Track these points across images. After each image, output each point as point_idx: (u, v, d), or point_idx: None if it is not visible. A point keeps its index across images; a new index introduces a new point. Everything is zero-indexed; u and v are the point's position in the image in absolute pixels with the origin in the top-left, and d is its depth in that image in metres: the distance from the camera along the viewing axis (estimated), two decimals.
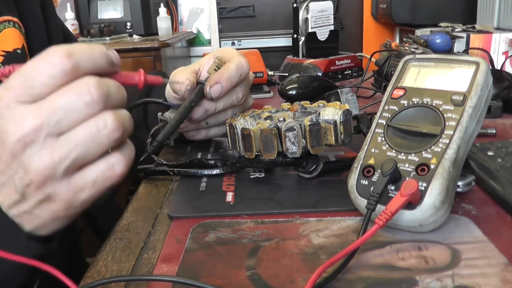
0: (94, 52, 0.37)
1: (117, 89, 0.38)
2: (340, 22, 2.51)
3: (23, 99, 0.36)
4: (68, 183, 0.37)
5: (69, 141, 0.36)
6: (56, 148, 0.36)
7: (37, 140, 0.35)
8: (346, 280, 0.35)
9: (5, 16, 0.63)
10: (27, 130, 0.35)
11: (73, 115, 0.35)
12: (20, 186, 0.37)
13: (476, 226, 0.42)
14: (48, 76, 0.35)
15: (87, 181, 0.37)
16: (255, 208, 0.47)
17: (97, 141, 0.36)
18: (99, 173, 0.37)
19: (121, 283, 0.36)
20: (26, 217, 0.39)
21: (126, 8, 2.48)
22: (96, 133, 0.36)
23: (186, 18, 2.82)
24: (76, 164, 0.37)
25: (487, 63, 0.43)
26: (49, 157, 0.36)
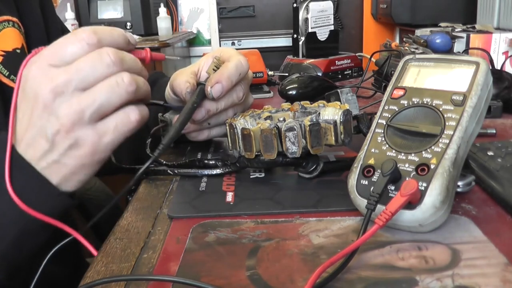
0: (114, 32, 0.46)
1: (131, 58, 0.46)
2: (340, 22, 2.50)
3: (53, 63, 0.43)
4: (93, 128, 0.43)
5: (94, 92, 0.43)
6: (83, 98, 0.43)
7: (66, 91, 0.42)
8: (346, 280, 0.35)
9: (4, 16, 0.63)
10: (58, 82, 0.42)
11: (95, 73, 0.43)
12: (50, 134, 0.43)
13: (476, 226, 0.42)
14: (77, 47, 0.43)
15: (109, 126, 0.44)
16: (255, 208, 0.47)
17: (116, 92, 0.43)
18: (119, 119, 0.44)
19: (121, 283, 0.36)
20: (54, 167, 0.45)
21: (126, 8, 2.48)
22: (115, 85, 0.43)
23: (186, 18, 2.82)
24: (99, 111, 0.43)
25: (487, 63, 0.43)
26: (77, 104, 0.42)
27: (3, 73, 0.61)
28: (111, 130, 0.44)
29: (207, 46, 2.79)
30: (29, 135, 0.44)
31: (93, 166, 0.46)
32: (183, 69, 0.62)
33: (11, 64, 0.62)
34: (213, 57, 0.59)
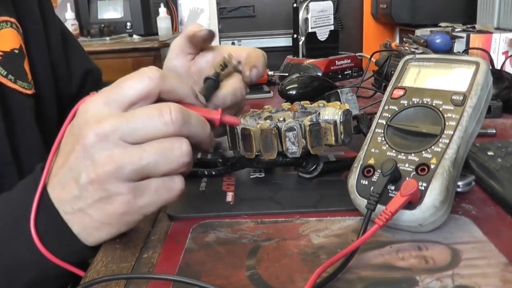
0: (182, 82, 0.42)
1: (198, 120, 0.41)
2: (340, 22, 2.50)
3: (109, 103, 0.39)
4: (130, 186, 0.38)
5: (142, 150, 0.38)
6: (128, 151, 0.38)
7: (111, 139, 0.38)
8: (346, 280, 0.35)
9: (2, 17, 0.63)
10: (104, 126, 0.38)
11: (149, 128, 0.38)
12: (83, 180, 0.39)
13: (476, 226, 0.42)
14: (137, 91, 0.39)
15: (149, 188, 0.39)
16: (255, 208, 0.47)
17: (168, 159, 0.38)
18: (162, 184, 0.39)
19: (121, 282, 0.36)
20: (78, 215, 0.40)
21: (126, 8, 2.48)
22: (170, 151, 0.38)
23: (186, 18, 2.82)
24: (142, 172, 0.38)
25: (487, 63, 0.43)
26: (119, 155, 0.38)
27: (1, 73, 0.62)
28: (151, 192, 0.39)
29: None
30: (62, 173, 0.40)
31: (119, 227, 0.41)
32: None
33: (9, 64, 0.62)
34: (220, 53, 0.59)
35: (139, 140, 0.38)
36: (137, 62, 2.15)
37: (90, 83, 0.82)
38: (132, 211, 0.40)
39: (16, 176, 0.61)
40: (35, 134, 0.65)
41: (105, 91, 0.40)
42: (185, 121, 0.39)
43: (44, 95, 0.69)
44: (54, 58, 0.74)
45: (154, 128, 0.38)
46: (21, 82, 0.64)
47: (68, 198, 0.40)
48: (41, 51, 0.70)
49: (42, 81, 0.69)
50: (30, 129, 0.65)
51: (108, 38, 2.32)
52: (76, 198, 0.40)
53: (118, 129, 0.38)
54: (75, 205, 0.40)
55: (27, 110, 0.64)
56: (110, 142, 0.38)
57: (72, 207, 0.40)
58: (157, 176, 0.39)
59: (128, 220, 0.40)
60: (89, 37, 2.35)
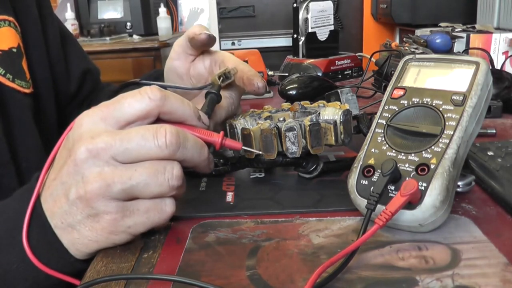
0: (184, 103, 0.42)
1: (194, 145, 0.41)
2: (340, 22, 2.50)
3: (106, 119, 0.39)
4: (119, 204, 0.39)
5: (134, 169, 0.38)
6: (119, 169, 0.38)
7: (103, 156, 0.38)
8: (346, 280, 0.35)
9: (0, 16, 0.63)
10: (97, 143, 0.38)
11: (142, 150, 0.38)
12: (72, 196, 0.39)
13: (476, 226, 0.42)
14: (136, 111, 0.39)
15: (138, 209, 0.39)
16: (255, 208, 0.47)
17: (158, 180, 0.38)
18: (152, 205, 0.39)
19: (121, 282, 0.36)
20: (68, 230, 0.40)
21: (126, 8, 2.48)
22: (161, 173, 0.38)
23: (186, 18, 2.82)
24: (131, 192, 0.38)
25: (487, 63, 0.43)
26: (109, 173, 0.38)
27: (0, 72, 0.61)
28: (140, 212, 0.39)
29: None
30: (54, 187, 0.41)
31: (105, 244, 0.41)
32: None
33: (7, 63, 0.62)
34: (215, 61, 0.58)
35: (131, 160, 0.38)
36: (137, 62, 2.15)
37: (88, 83, 0.82)
38: (119, 230, 0.40)
39: (14, 176, 0.61)
40: (33, 133, 0.65)
41: (104, 106, 0.40)
42: (180, 145, 0.39)
43: (42, 94, 0.69)
44: (52, 57, 0.74)
45: (147, 150, 0.38)
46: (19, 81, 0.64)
47: (59, 212, 0.40)
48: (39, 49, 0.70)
49: (40, 80, 0.69)
50: (28, 128, 0.64)
51: (108, 38, 2.33)
52: (65, 213, 0.40)
53: (111, 147, 0.38)
54: (64, 220, 0.40)
55: (25, 109, 0.64)
56: (101, 160, 0.38)
57: (62, 222, 0.40)
58: (146, 197, 0.39)
59: (115, 239, 0.40)
60: (89, 37, 2.35)
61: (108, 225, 0.39)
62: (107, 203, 0.38)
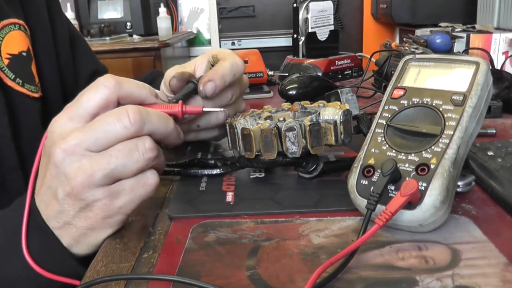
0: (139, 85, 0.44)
1: (158, 117, 0.43)
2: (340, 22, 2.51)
3: (72, 118, 0.41)
4: (104, 190, 0.41)
5: (109, 155, 0.40)
6: (96, 159, 0.40)
7: (77, 151, 0.40)
8: (346, 280, 0.35)
9: (10, 19, 0.63)
10: (69, 142, 0.40)
11: (110, 135, 0.40)
12: (61, 196, 0.41)
13: (476, 226, 0.42)
14: (95, 102, 0.41)
15: (124, 187, 0.41)
16: (255, 208, 0.47)
17: (134, 158, 0.40)
18: (135, 181, 0.41)
19: (121, 282, 0.36)
20: (65, 228, 0.43)
21: (126, 8, 2.48)
22: (134, 150, 0.40)
23: (186, 18, 2.82)
24: (113, 175, 0.40)
25: (487, 63, 0.43)
26: (88, 164, 0.40)
27: (9, 76, 0.61)
28: (126, 191, 0.41)
29: (207, 46, 2.79)
30: (43, 192, 0.43)
31: (105, 230, 0.43)
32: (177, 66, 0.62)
33: (17, 67, 0.62)
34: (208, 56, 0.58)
35: (104, 147, 0.40)
36: (137, 62, 2.15)
37: None
38: (112, 213, 0.42)
39: (22, 181, 0.61)
40: (42, 138, 0.65)
41: (67, 107, 0.42)
42: (145, 120, 0.41)
43: (50, 98, 0.69)
44: (61, 60, 0.73)
45: (115, 134, 0.40)
46: (29, 85, 0.64)
47: (53, 214, 0.42)
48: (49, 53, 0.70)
49: (49, 83, 0.69)
50: (36, 133, 0.64)
51: (108, 38, 2.33)
52: (59, 213, 0.42)
53: (83, 141, 0.40)
54: (60, 219, 0.42)
55: (34, 113, 0.64)
56: (77, 155, 0.40)
57: (58, 222, 0.42)
58: (128, 176, 0.41)
59: (111, 222, 0.43)
60: (89, 37, 2.35)
61: (101, 211, 0.41)
62: (94, 192, 0.40)
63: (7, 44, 0.62)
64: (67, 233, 0.43)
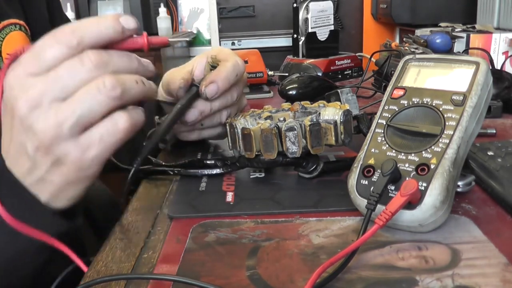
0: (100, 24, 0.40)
1: (119, 55, 0.40)
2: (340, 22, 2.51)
3: (31, 72, 0.39)
4: (75, 142, 0.39)
5: (73, 102, 0.38)
6: (60, 109, 0.38)
7: (42, 103, 0.38)
8: (346, 280, 0.35)
9: (11, 19, 0.63)
10: (32, 94, 0.38)
11: (75, 81, 0.38)
12: (31, 151, 0.39)
13: (476, 226, 0.42)
14: (56, 51, 0.39)
15: (93, 138, 0.39)
16: (255, 208, 0.47)
17: (98, 100, 0.38)
18: (104, 129, 0.39)
19: (121, 282, 0.36)
20: (41, 185, 0.41)
21: (126, 8, 2.48)
22: (96, 92, 0.38)
23: (186, 18, 2.82)
24: (80, 123, 0.39)
25: (487, 63, 0.43)
26: (54, 117, 0.38)
27: None
28: (96, 142, 0.39)
29: (207, 46, 2.79)
30: (12, 150, 0.41)
31: (81, 182, 0.42)
32: (176, 68, 0.61)
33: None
34: (207, 57, 0.58)
35: (70, 94, 0.38)
36: None
37: None
38: (86, 165, 0.40)
39: None
40: None
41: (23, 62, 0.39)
42: (107, 60, 0.39)
43: None
44: None
45: (80, 79, 0.38)
46: None
47: (25, 172, 0.41)
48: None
49: None
50: None
51: None
52: (31, 169, 0.41)
53: (46, 92, 0.38)
54: (33, 176, 0.41)
55: None
56: (43, 107, 0.38)
57: (32, 179, 0.41)
58: (97, 121, 0.39)
59: (87, 174, 0.41)
60: None
61: (73, 165, 0.40)
62: (64, 145, 0.39)
63: (7, 45, 0.62)
64: (44, 188, 0.41)
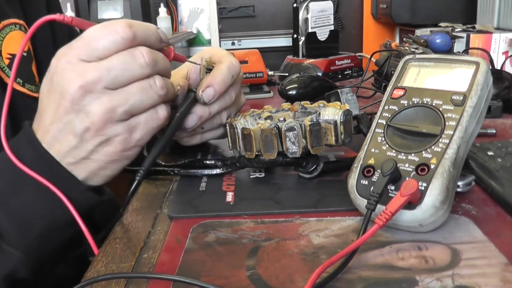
0: (148, 28, 0.45)
1: (163, 59, 0.46)
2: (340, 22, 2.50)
3: (84, 58, 0.42)
4: (123, 125, 0.44)
5: (127, 92, 0.43)
6: (115, 96, 0.42)
7: (96, 89, 0.42)
8: (346, 280, 0.35)
9: (11, 19, 0.63)
10: (87, 80, 0.41)
11: (127, 74, 0.42)
12: (79, 131, 0.43)
13: (476, 226, 0.42)
14: (110, 41, 0.42)
15: (139, 121, 0.44)
16: (255, 208, 0.47)
17: (149, 95, 0.44)
18: (149, 116, 0.45)
19: (121, 282, 0.36)
20: (82, 163, 0.45)
21: (126, 8, 2.48)
22: (149, 88, 0.44)
23: (186, 18, 2.82)
24: (131, 111, 0.43)
25: (487, 63, 0.43)
26: (108, 102, 0.42)
27: (9, 76, 0.61)
28: (141, 125, 0.44)
29: (207, 46, 2.79)
30: (55, 129, 0.44)
31: (122, 161, 0.46)
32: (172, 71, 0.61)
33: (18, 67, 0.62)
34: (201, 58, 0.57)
35: (120, 85, 0.43)
36: None
37: None
38: (131, 145, 0.45)
39: None
40: None
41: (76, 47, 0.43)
42: (155, 61, 0.44)
43: None
44: None
45: (132, 73, 0.43)
46: (29, 85, 0.64)
47: (67, 150, 0.44)
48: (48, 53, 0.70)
49: None
50: None
51: None
52: (75, 148, 0.44)
53: (101, 79, 0.41)
54: (76, 155, 0.44)
55: (34, 113, 0.64)
56: (96, 92, 0.42)
57: (74, 157, 0.44)
58: (143, 111, 0.44)
59: (129, 154, 0.46)
60: None
61: (120, 145, 0.44)
62: (115, 127, 0.43)
63: (7, 44, 0.62)
64: (84, 167, 0.45)
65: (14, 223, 0.44)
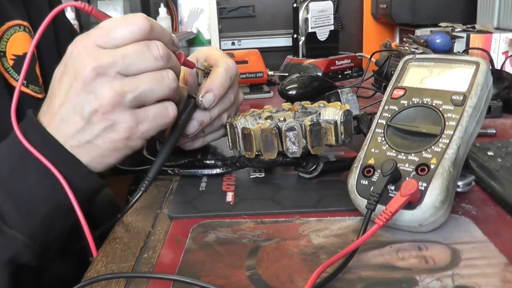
0: (164, 28, 0.46)
1: (175, 58, 0.47)
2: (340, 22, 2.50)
3: (101, 44, 0.43)
4: (132, 113, 0.43)
5: (139, 79, 0.43)
6: (126, 82, 0.43)
7: (109, 73, 0.42)
8: (346, 280, 0.35)
9: (15, 20, 0.63)
10: (101, 63, 0.42)
11: (141, 63, 0.43)
12: (87, 112, 0.43)
13: (476, 226, 0.42)
14: (128, 31, 0.43)
15: (148, 114, 0.44)
16: (255, 208, 0.47)
17: (161, 86, 0.44)
18: (158, 111, 0.45)
19: (121, 282, 0.36)
20: (86, 147, 0.44)
21: (126, 8, 2.48)
22: (161, 79, 0.44)
23: (186, 18, 2.82)
24: (140, 99, 0.43)
25: (487, 63, 0.43)
26: (118, 86, 0.42)
27: (14, 77, 0.62)
28: (150, 119, 0.44)
29: (207, 46, 2.78)
30: (64, 110, 0.44)
31: (124, 151, 0.46)
32: None
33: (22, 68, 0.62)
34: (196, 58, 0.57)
35: (133, 73, 0.43)
36: None
37: None
38: (135, 136, 0.44)
39: None
40: None
41: (94, 35, 0.43)
42: (169, 56, 0.45)
43: None
44: None
45: (146, 63, 0.43)
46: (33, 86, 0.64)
47: (73, 133, 0.44)
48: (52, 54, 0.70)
49: None
50: None
51: None
52: (81, 130, 0.44)
53: (115, 64, 0.42)
54: (81, 138, 0.44)
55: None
56: (108, 76, 0.42)
57: (79, 140, 0.44)
58: (152, 102, 0.45)
59: (132, 145, 0.45)
60: None
61: (125, 133, 0.44)
62: (122, 113, 0.43)
63: (12, 46, 0.62)
64: (87, 152, 0.44)
65: (17, 207, 0.43)
